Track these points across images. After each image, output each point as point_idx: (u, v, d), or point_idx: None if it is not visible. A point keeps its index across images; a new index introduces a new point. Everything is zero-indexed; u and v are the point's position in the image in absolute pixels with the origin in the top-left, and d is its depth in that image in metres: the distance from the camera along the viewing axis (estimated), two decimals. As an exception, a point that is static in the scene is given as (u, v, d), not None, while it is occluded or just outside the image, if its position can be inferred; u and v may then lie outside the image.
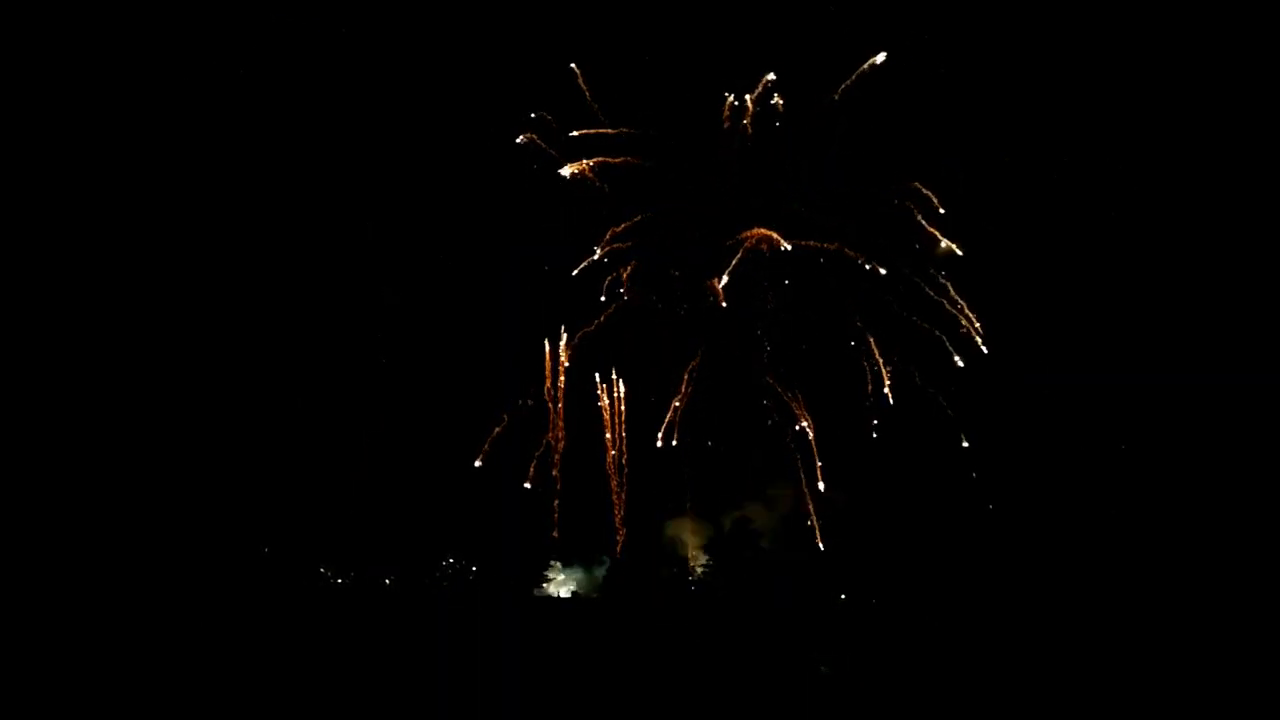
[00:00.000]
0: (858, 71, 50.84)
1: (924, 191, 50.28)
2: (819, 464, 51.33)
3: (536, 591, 51.76)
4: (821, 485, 51.57)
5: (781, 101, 52.05)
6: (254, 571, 49.41)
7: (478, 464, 50.67)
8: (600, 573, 52.71)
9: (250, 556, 50.11)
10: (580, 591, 51.60)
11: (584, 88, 50.95)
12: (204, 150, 50.31)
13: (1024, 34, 48.58)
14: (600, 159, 52.05)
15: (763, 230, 51.88)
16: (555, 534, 52.57)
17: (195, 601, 44.55)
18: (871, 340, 50.70)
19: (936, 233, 49.80)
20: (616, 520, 52.74)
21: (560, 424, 52.55)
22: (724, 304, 51.36)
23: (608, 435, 53.41)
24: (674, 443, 52.30)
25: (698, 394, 54.16)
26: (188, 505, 48.90)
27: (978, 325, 48.91)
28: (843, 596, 47.97)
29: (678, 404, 52.40)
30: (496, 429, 51.19)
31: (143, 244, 49.50)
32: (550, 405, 53.06)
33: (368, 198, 51.98)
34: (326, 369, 51.87)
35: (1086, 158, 48.35)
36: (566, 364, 53.72)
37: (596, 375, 52.83)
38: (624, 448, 52.11)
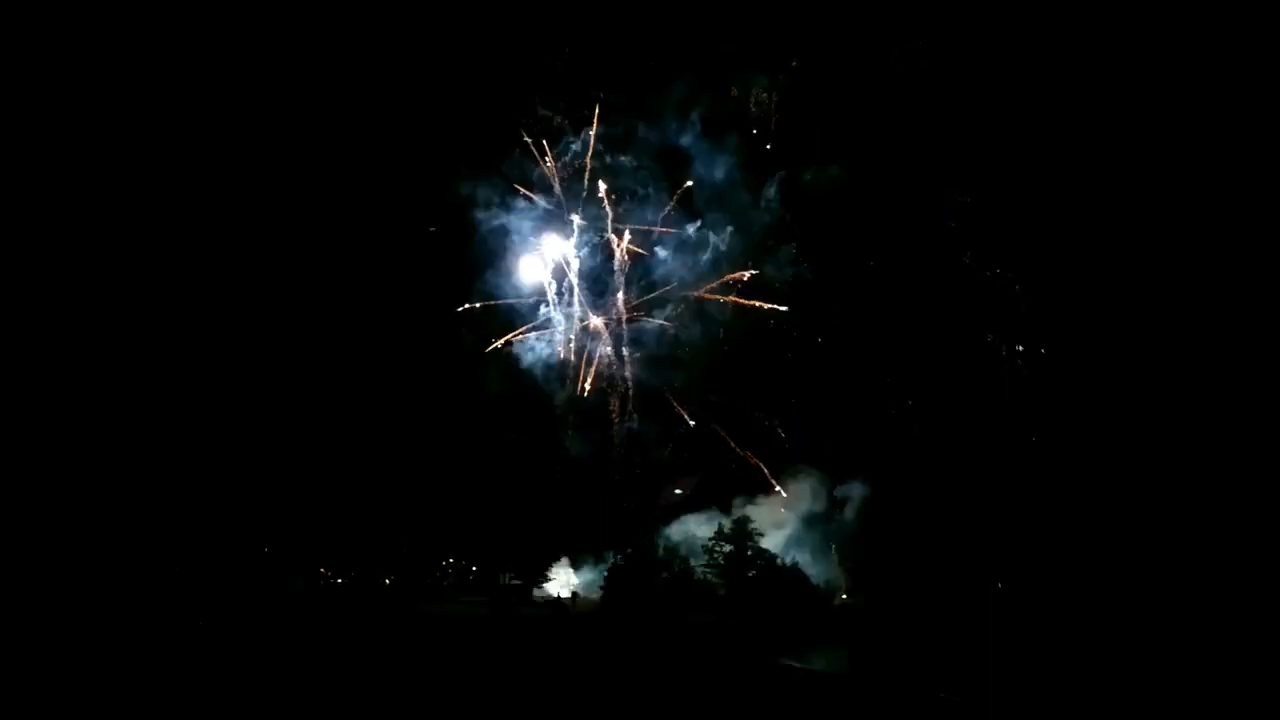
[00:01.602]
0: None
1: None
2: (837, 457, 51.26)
3: (536, 591, 51.55)
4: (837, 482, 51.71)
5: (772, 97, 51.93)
6: (254, 571, 49.42)
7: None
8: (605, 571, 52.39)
9: (250, 556, 50.14)
10: (580, 592, 51.30)
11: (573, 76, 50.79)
12: (209, 152, 50.31)
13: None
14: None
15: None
16: (560, 534, 52.51)
17: (195, 600, 44.64)
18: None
19: None
20: (619, 521, 52.57)
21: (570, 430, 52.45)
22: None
23: (614, 432, 53.30)
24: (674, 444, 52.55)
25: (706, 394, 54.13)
26: (189, 505, 49.00)
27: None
28: (844, 596, 47.42)
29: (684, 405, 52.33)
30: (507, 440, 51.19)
31: (147, 247, 49.58)
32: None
33: (371, 201, 51.80)
34: (330, 372, 51.72)
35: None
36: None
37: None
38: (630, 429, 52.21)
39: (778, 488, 51.97)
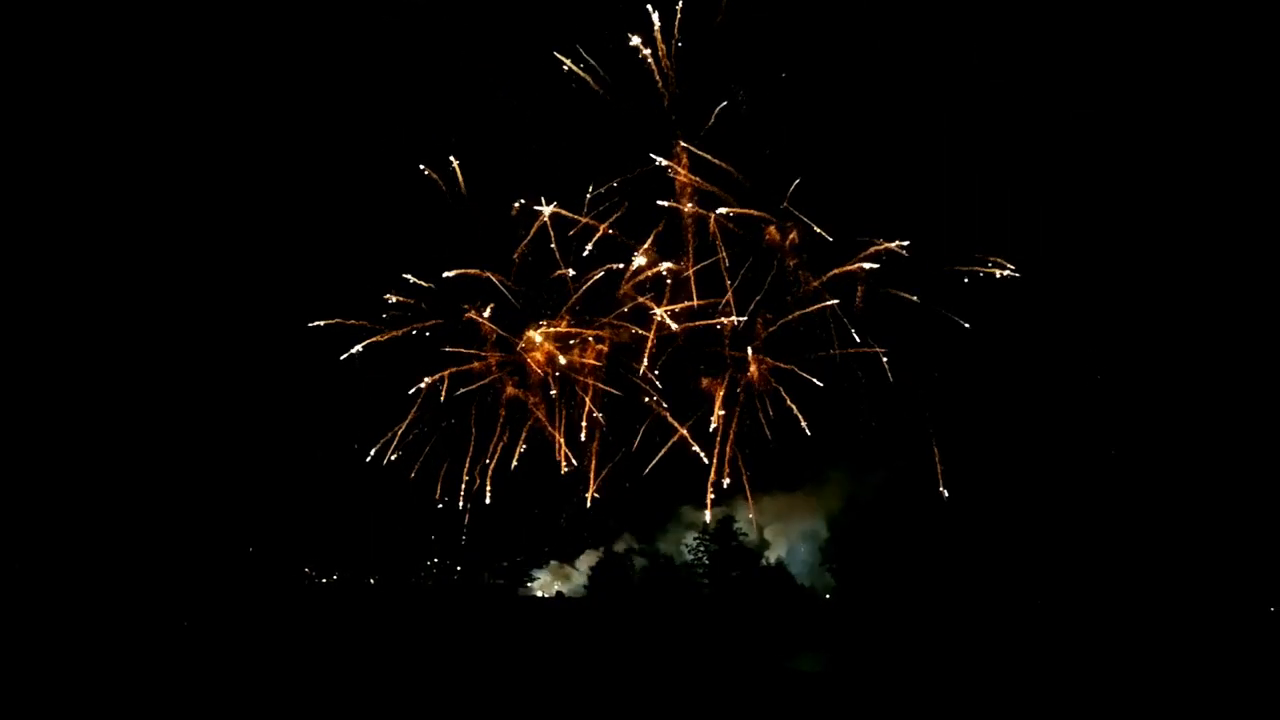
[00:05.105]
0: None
1: None
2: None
3: (521, 590, 51.42)
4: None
5: None
6: (239, 571, 49.37)
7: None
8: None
9: (235, 556, 50.08)
10: (565, 591, 51.16)
11: None
12: (200, 155, 50.32)
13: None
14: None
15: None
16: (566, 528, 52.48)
17: (181, 599, 44.63)
18: None
19: None
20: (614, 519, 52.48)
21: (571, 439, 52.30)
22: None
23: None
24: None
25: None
26: (174, 505, 48.98)
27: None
28: (827, 596, 47.30)
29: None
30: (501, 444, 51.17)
31: (137, 247, 49.58)
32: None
33: (355, 198, 51.67)
34: (313, 372, 51.55)
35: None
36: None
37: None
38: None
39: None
